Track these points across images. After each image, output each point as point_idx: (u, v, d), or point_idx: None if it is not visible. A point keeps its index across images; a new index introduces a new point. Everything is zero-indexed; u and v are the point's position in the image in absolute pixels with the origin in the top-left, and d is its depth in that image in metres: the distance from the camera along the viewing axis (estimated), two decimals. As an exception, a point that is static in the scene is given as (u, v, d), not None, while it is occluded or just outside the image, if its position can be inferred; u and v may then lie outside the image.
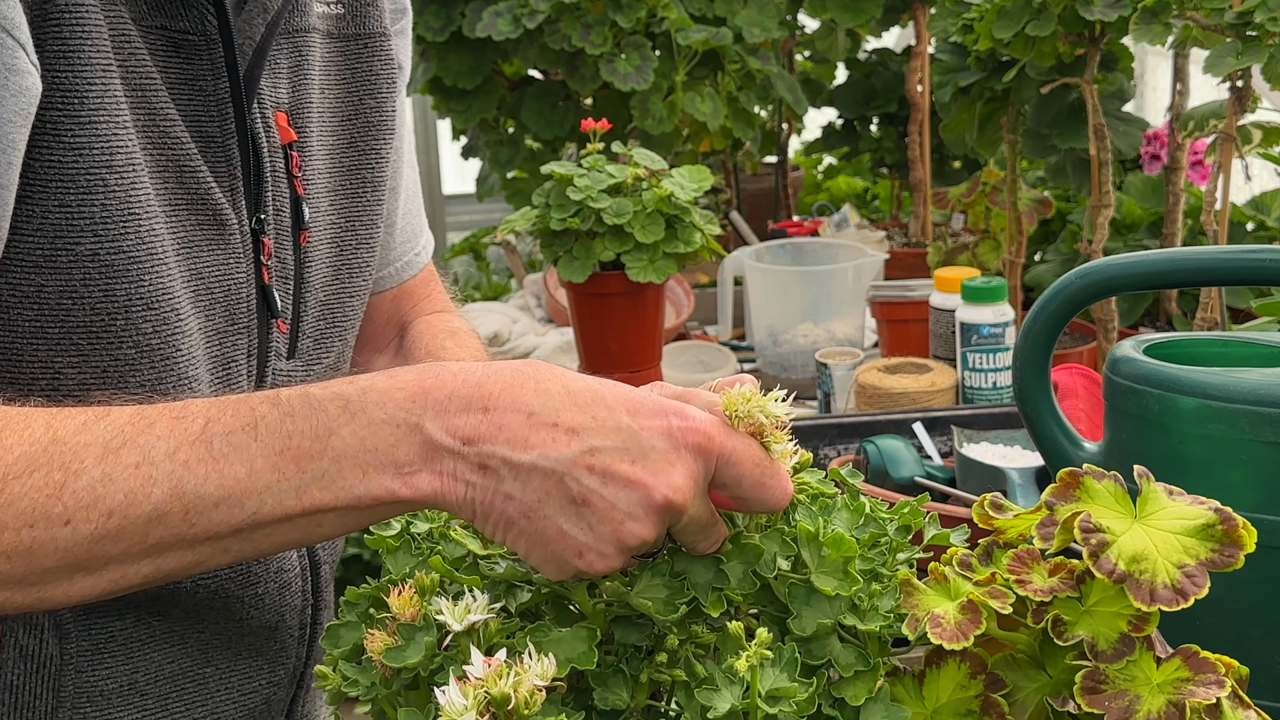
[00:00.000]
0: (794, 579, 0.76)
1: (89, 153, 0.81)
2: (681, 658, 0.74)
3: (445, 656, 0.72)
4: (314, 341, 1.02)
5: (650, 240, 1.72)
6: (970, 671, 0.72)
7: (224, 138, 0.91)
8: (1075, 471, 0.73)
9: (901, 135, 2.95)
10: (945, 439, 1.60)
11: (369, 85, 1.05)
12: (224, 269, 0.92)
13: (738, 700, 0.68)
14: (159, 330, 0.86)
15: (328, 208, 1.02)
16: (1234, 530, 0.68)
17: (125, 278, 0.84)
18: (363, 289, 1.07)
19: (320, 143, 1.01)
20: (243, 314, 0.94)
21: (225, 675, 0.98)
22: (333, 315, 1.04)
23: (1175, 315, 2.22)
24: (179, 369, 0.88)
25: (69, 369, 0.84)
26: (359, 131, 1.05)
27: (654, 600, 0.73)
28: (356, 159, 1.05)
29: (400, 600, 0.75)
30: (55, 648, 0.90)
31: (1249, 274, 1.07)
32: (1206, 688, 0.66)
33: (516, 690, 0.65)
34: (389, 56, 1.06)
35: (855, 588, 0.74)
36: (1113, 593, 0.69)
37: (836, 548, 0.76)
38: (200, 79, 0.89)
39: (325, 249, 1.02)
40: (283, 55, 0.97)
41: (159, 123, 0.86)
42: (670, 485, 0.72)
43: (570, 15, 2.42)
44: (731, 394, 0.75)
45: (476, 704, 0.64)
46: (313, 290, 1.01)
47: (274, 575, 0.98)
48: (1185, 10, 1.74)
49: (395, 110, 1.07)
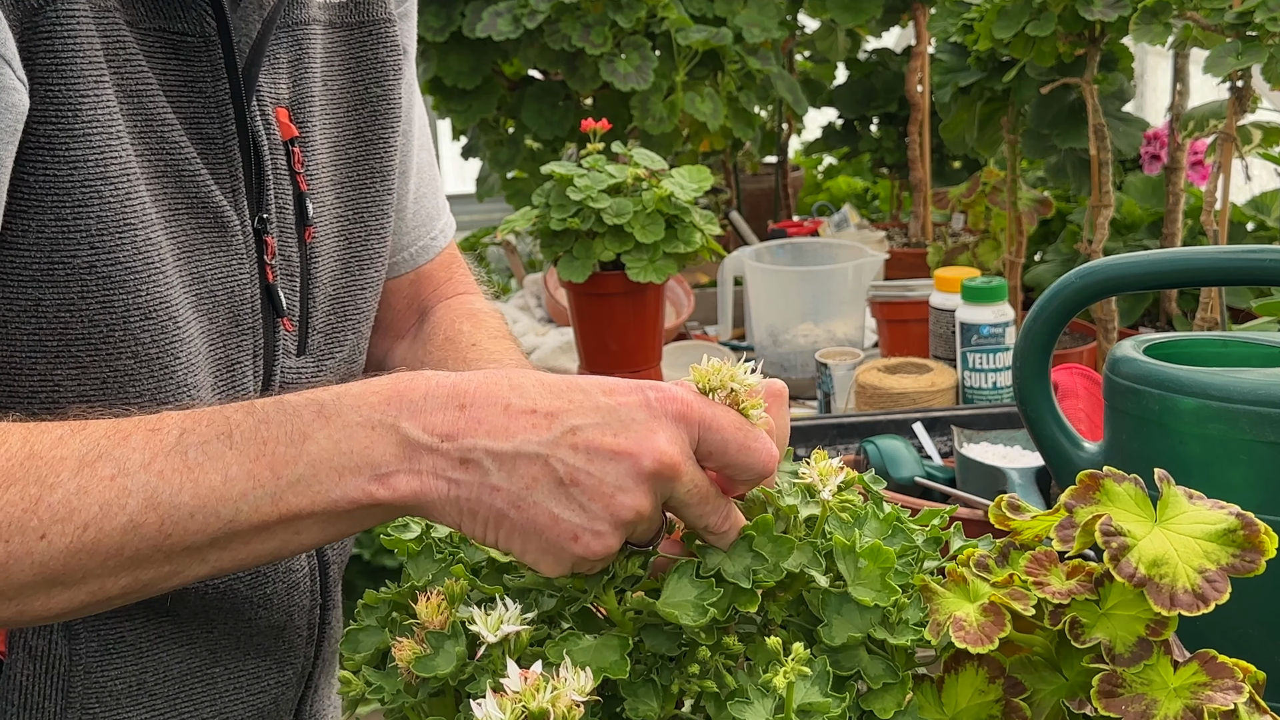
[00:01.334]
0: (830, 592, 0.75)
1: (83, 165, 0.81)
2: (712, 668, 0.73)
3: (476, 666, 0.71)
4: (325, 337, 1.01)
5: (650, 240, 1.72)
6: (989, 676, 0.72)
7: (224, 138, 0.90)
8: (1095, 474, 0.73)
9: (901, 135, 2.95)
10: (945, 439, 1.60)
11: (375, 73, 1.03)
12: (226, 271, 0.91)
13: (770, 714, 0.68)
14: (157, 340, 0.86)
15: (334, 201, 1.02)
16: (1255, 535, 0.68)
17: (122, 289, 0.83)
18: (375, 281, 1.06)
19: (324, 136, 1.00)
20: (247, 315, 0.93)
21: (234, 675, 0.98)
22: (344, 309, 1.03)
23: (1175, 315, 2.22)
24: (178, 377, 0.87)
25: (68, 381, 0.84)
26: (365, 121, 1.03)
27: (682, 604, 0.72)
28: (363, 149, 1.04)
29: (428, 607, 0.74)
30: (64, 648, 0.90)
31: (1249, 274, 1.07)
32: (1224, 693, 0.66)
33: (555, 705, 0.64)
34: (394, 42, 1.05)
35: (894, 598, 0.73)
36: (1131, 596, 0.68)
37: (874, 559, 0.75)
38: (199, 80, 0.89)
39: (332, 243, 1.02)
40: (282, 50, 0.96)
41: (156, 128, 0.86)
42: (656, 450, 0.71)
43: (570, 15, 2.42)
44: (700, 367, 0.75)
45: (514, 718, 0.64)
46: (320, 286, 1.00)
47: (282, 575, 0.98)
48: (1185, 10, 1.74)
49: (401, 96, 1.06)
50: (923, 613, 0.73)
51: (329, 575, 1.03)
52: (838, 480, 0.77)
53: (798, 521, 0.78)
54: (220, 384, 0.92)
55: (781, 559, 0.74)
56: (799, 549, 0.75)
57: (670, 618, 0.72)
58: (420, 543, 0.84)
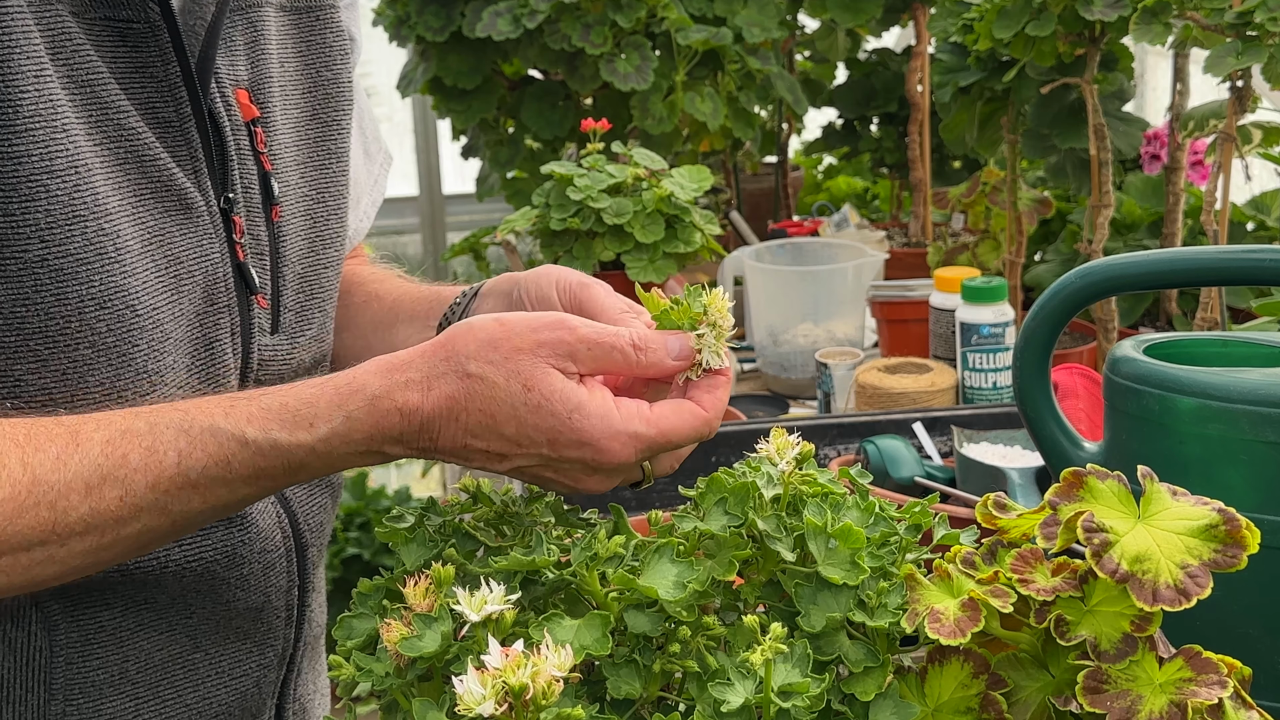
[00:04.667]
0: (801, 572, 0.76)
1: (28, 160, 0.81)
2: (693, 649, 0.74)
3: (461, 646, 0.72)
4: (295, 315, 1.03)
5: (650, 240, 1.72)
6: (973, 671, 0.72)
7: (181, 121, 0.91)
8: (1079, 471, 0.73)
9: (901, 135, 2.95)
10: (945, 439, 1.60)
11: (324, 57, 1.06)
12: (198, 251, 0.92)
13: (751, 694, 0.68)
14: (114, 329, 0.86)
15: (298, 181, 1.03)
16: (1237, 531, 0.68)
17: (75, 280, 0.84)
18: (337, 260, 1.08)
19: (284, 117, 1.02)
20: (221, 293, 0.95)
21: (215, 660, 0.99)
22: (311, 288, 1.05)
23: (1175, 315, 2.22)
24: (138, 364, 0.88)
25: (29, 375, 0.85)
26: (320, 104, 1.06)
27: (662, 582, 0.74)
28: (320, 130, 1.06)
29: (416, 591, 0.76)
30: (44, 639, 0.90)
31: (1249, 274, 1.07)
32: (1209, 688, 0.66)
33: (534, 680, 0.65)
34: (340, 28, 1.07)
35: (863, 578, 0.75)
36: (1115, 593, 0.69)
37: (845, 539, 0.76)
38: (150, 65, 0.89)
39: (299, 222, 1.03)
40: (238, 32, 0.97)
41: (111, 115, 0.87)
42: (592, 487, 0.86)
43: (570, 15, 2.42)
44: (649, 297, 0.87)
45: (494, 694, 0.64)
46: (290, 264, 1.02)
47: (258, 556, 0.99)
48: (1185, 10, 1.74)
49: (350, 81, 1.09)
50: (903, 598, 0.74)
51: (307, 557, 1.04)
52: (793, 453, 0.81)
53: (764, 500, 0.81)
54: (199, 364, 0.94)
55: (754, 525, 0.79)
56: (765, 519, 0.79)
57: (649, 593, 0.73)
58: (413, 531, 0.85)
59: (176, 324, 0.91)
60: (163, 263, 0.90)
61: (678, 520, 0.80)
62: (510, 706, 0.65)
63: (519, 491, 0.92)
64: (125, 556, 0.85)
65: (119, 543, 0.82)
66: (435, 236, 4.21)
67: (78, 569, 0.82)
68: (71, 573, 0.82)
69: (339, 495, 1.12)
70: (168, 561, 0.93)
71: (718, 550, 0.78)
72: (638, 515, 0.95)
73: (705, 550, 0.79)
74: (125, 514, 0.81)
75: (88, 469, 0.80)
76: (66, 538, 0.79)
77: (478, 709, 0.64)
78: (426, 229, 4.22)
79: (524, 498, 0.91)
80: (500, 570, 0.77)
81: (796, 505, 0.81)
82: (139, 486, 0.81)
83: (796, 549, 0.78)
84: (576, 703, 0.68)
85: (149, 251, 0.88)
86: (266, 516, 1.00)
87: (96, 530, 0.80)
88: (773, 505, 0.81)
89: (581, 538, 0.77)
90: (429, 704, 0.70)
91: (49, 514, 0.78)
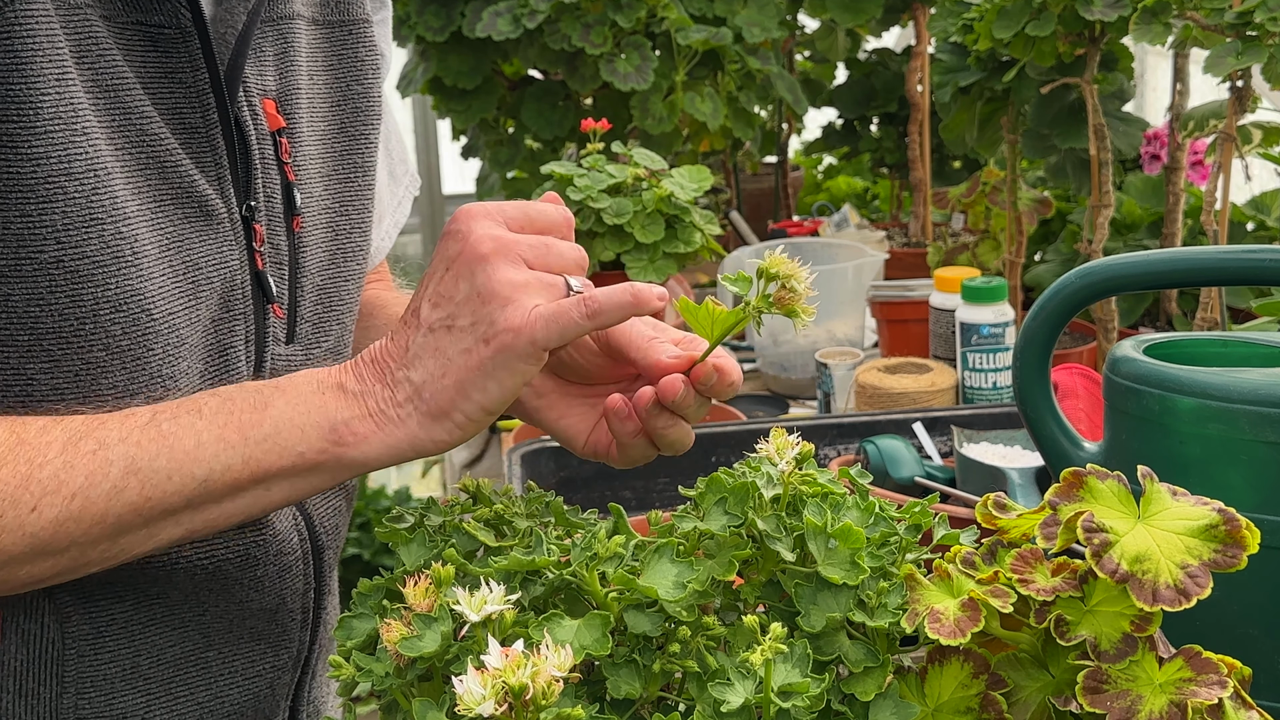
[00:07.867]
0: (801, 572, 0.76)
1: (46, 162, 0.81)
2: (693, 649, 0.74)
3: (461, 646, 0.72)
4: (312, 326, 1.03)
5: (650, 240, 1.72)
6: (973, 671, 0.72)
7: (207, 128, 0.91)
8: (1079, 471, 0.73)
9: (901, 135, 2.95)
10: (945, 439, 1.60)
11: (355, 71, 1.06)
12: (216, 258, 0.92)
13: (751, 694, 0.68)
14: (129, 332, 0.87)
15: (321, 193, 1.03)
16: (1237, 531, 0.68)
17: (90, 282, 0.84)
18: (358, 274, 1.08)
19: (311, 129, 1.02)
20: (238, 301, 0.95)
21: (228, 659, 0.99)
22: (329, 300, 1.04)
23: (1175, 315, 2.22)
24: (152, 368, 0.88)
25: (41, 375, 0.85)
26: (348, 117, 1.05)
27: (662, 581, 0.74)
28: (347, 144, 1.06)
29: (416, 591, 0.76)
30: (56, 632, 0.91)
31: (1249, 274, 1.07)
32: (1209, 688, 0.66)
33: (534, 680, 0.65)
34: (373, 43, 1.07)
35: (863, 578, 0.75)
36: (1115, 593, 0.69)
37: (844, 539, 0.77)
38: (179, 71, 0.90)
39: (320, 234, 1.03)
40: (267, 43, 0.97)
41: (135, 120, 0.87)
42: (510, 318, 0.85)
43: (570, 15, 2.42)
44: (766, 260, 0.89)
45: (494, 694, 0.64)
46: (309, 275, 1.02)
47: (273, 558, 0.98)
48: (1185, 10, 1.74)
49: (380, 96, 1.09)
50: (903, 598, 0.74)
51: (324, 560, 1.04)
52: (793, 453, 0.81)
53: (764, 500, 0.81)
54: (212, 370, 0.94)
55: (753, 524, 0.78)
56: (764, 519, 0.79)
57: (649, 593, 0.73)
58: (413, 531, 0.85)
59: (192, 329, 0.91)
60: (180, 268, 0.90)
61: (677, 520, 0.81)
62: (510, 706, 0.65)
63: (519, 491, 0.92)
64: (89, 544, 0.84)
65: (87, 510, 0.82)
66: (435, 236, 4.22)
67: (44, 545, 0.82)
68: (37, 551, 0.82)
69: (354, 499, 1.12)
70: (178, 558, 0.93)
71: (717, 550, 0.78)
72: (638, 515, 0.95)
73: (705, 550, 0.79)
74: (95, 468, 0.82)
75: (69, 431, 0.83)
76: (38, 496, 0.81)
77: (478, 709, 0.64)
78: (426, 229, 4.22)
79: (524, 498, 0.91)
80: (500, 570, 0.77)
81: (796, 505, 0.81)
82: (112, 439, 0.83)
83: (796, 549, 0.78)
84: (576, 703, 0.68)
85: (167, 256, 0.89)
86: (284, 519, 0.99)
87: (66, 487, 0.81)
88: (772, 505, 0.81)
89: (581, 538, 0.77)
90: (429, 704, 0.70)
91: (26, 468, 0.81)
